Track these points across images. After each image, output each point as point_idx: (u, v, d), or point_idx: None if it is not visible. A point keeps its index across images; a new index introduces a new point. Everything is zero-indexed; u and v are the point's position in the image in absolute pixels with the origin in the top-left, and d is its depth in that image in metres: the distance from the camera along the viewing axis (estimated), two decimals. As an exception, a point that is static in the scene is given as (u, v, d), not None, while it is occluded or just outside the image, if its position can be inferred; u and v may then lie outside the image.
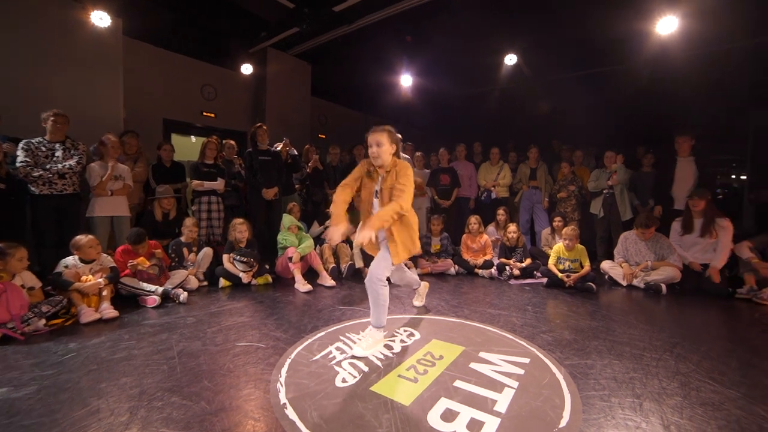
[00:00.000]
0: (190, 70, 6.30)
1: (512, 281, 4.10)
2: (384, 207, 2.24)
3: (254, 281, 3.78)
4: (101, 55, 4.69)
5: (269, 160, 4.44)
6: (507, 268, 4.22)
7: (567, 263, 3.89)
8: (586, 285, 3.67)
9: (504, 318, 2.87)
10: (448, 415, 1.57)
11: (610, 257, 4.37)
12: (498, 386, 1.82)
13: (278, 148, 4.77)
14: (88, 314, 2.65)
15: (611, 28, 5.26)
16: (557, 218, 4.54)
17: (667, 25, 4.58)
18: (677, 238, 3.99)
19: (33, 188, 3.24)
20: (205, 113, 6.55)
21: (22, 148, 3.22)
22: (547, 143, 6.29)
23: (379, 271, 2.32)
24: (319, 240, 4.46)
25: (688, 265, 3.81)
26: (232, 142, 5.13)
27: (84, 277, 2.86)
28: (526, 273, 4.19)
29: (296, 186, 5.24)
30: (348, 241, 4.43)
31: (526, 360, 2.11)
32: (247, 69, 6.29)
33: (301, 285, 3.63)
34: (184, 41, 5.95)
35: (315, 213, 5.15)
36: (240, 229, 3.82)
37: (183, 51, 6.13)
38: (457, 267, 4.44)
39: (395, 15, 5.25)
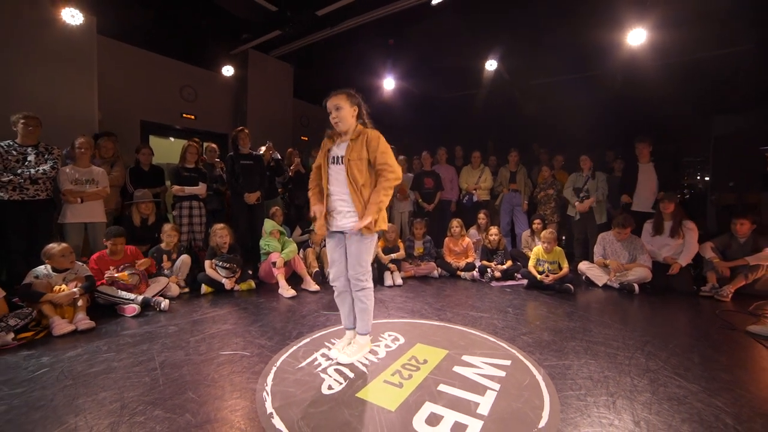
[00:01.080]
0: (169, 70, 6.16)
1: (493, 283, 4.20)
2: (375, 190, 2.07)
3: (237, 287, 3.74)
4: (74, 54, 4.52)
5: (251, 164, 4.39)
6: (488, 270, 4.32)
7: (546, 265, 4.01)
8: (564, 286, 3.80)
9: (486, 320, 2.94)
10: (433, 420, 1.62)
11: (587, 258, 4.54)
12: (480, 389, 1.87)
13: (261, 152, 4.73)
14: (61, 326, 2.55)
15: (587, 37, 5.47)
16: (537, 221, 4.68)
17: (636, 37, 4.81)
18: (648, 238, 4.19)
19: (1, 194, 3.10)
20: (185, 115, 6.41)
21: (-9, 152, 3.07)
22: (528, 147, 6.47)
23: (358, 270, 2.13)
24: (302, 244, 4.44)
25: (661, 262, 4.01)
26: (214, 145, 5.05)
27: (57, 287, 2.77)
28: (507, 275, 4.30)
29: (279, 190, 5.20)
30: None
31: (508, 362, 2.19)
32: (228, 71, 6.20)
33: (285, 290, 3.61)
34: (163, 41, 5.81)
35: (298, 217, 5.13)
36: (221, 234, 3.77)
37: (162, 51, 5.98)
38: (440, 270, 4.51)
39: (378, 19, 5.30)
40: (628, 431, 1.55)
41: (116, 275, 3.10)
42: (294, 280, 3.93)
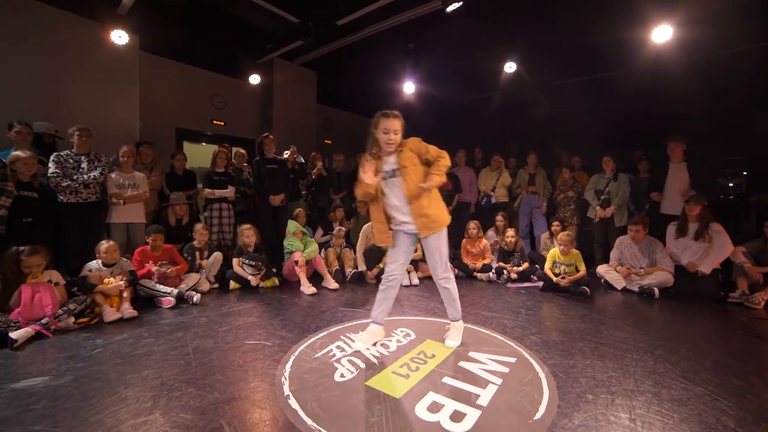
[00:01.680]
0: (201, 80, 6.58)
1: (509, 285, 4.25)
2: (434, 166, 2.32)
3: (262, 284, 3.99)
4: (120, 70, 5.00)
5: (276, 168, 4.66)
6: (505, 271, 4.36)
7: (562, 267, 4.02)
8: (580, 289, 3.80)
9: (497, 320, 3.02)
10: (434, 407, 1.75)
11: (608, 261, 4.49)
12: (482, 383, 1.98)
13: (285, 156, 4.99)
14: (110, 314, 2.89)
15: (609, 35, 5.37)
16: (555, 223, 4.67)
17: (662, 34, 4.69)
18: (672, 241, 4.09)
19: (61, 197, 3.51)
20: (215, 122, 6.83)
21: (53, 161, 3.51)
22: (547, 149, 6.41)
23: (439, 268, 2.45)
24: (323, 245, 4.66)
25: (684, 267, 3.91)
26: (243, 150, 5.38)
27: (106, 280, 3.11)
28: (523, 277, 4.33)
29: (302, 192, 5.46)
30: (351, 245, 4.64)
31: (513, 359, 2.27)
32: (254, 79, 6.54)
33: (306, 288, 3.83)
34: (195, 54, 6.23)
35: (320, 218, 5.36)
36: (247, 234, 4.04)
37: (194, 63, 6.41)
38: (456, 270, 4.59)
39: (396, 25, 5.45)
40: (623, 427, 1.61)
41: (167, 271, 3.45)
42: (315, 278, 4.14)
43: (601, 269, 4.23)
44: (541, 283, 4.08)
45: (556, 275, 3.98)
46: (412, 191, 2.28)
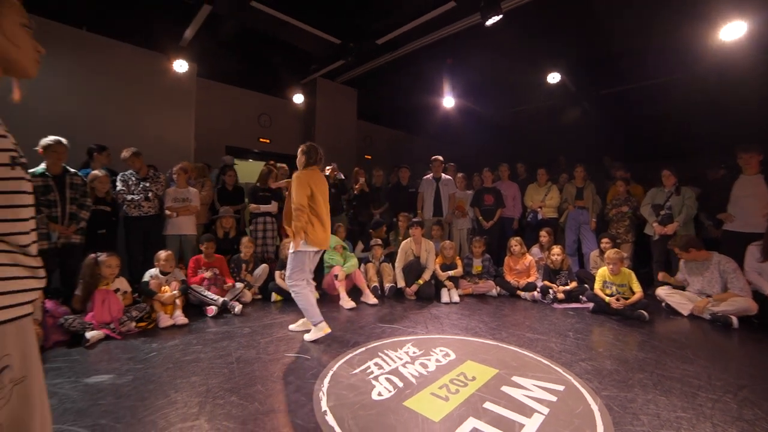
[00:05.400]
0: (249, 101, 7.05)
1: (556, 305, 4.00)
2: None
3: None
4: (179, 95, 5.53)
5: (318, 183, 4.80)
6: (550, 291, 4.12)
7: (614, 288, 3.72)
8: (637, 313, 3.48)
9: (542, 343, 2.84)
10: (475, 434, 1.66)
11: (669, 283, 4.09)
12: (528, 411, 1.86)
13: (327, 173, 5.13)
14: (165, 320, 3.11)
15: (664, 37, 5.04)
16: (605, 240, 4.36)
17: (733, 31, 4.30)
18: (755, 264, 3.60)
19: (126, 211, 3.87)
20: (261, 139, 7.24)
21: (120, 179, 3.91)
22: (596, 161, 6.06)
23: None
24: (363, 259, 4.69)
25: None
26: (285, 166, 5.62)
27: (163, 288, 3.35)
28: (570, 297, 4.06)
29: (344, 207, 5.56)
30: (391, 260, 4.62)
31: (561, 387, 2.11)
32: (298, 98, 6.88)
33: (346, 302, 3.86)
34: (245, 77, 6.71)
35: (360, 233, 5.42)
36: (288, 247, 4.15)
37: (243, 85, 6.90)
38: (498, 288, 4.42)
39: (435, 41, 5.50)
40: (694, 475, 1.42)
41: (216, 275, 3.73)
42: (354, 292, 4.17)
43: (662, 292, 3.86)
44: (591, 305, 3.80)
45: (609, 296, 3.68)
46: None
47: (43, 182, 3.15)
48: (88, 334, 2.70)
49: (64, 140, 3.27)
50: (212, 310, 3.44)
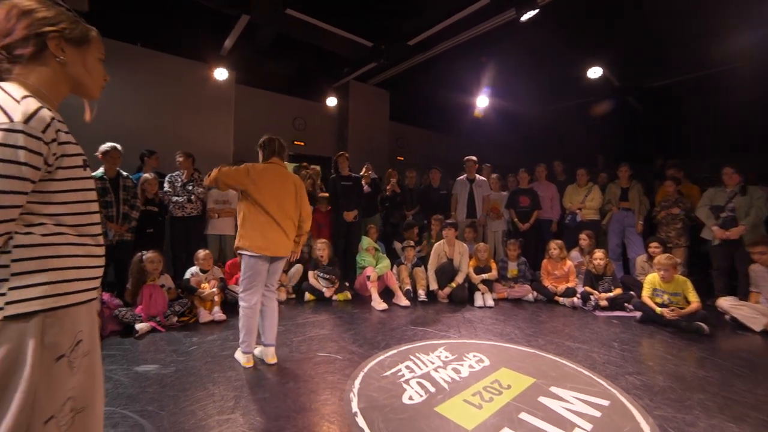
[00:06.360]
0: (284, 105, 7.26)
1: (597, 312, 3.77)
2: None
3: (335, 297, 4.13)
4: (219, 102, 5.82)
5: (350, 185, 4.85)
6: (592, 297, 3.89)
7: (666, 297, 3.44)
8: (694, 325, 3.18)
9: (584, 352, 2.68)
10: (511, 446, 1.59)
11: (732, 292, 3.73)
12: (568, 425, 1.75)
13: (362, 174, 5.17)
14: (204, 316, 3.27)
15: (723, 19, 4.59)
16: (654, 244, 4.05)
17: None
18: None
19: (171, 211, 4.11)
20: (296, 142, 7.43)
21: (167, 181, 4.17)
22: (641, 159, 5.65)
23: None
24: (396, 261, 4.67)
25: None
26: (317, 168, 5.74)
27: (203, 285, 3.51)
28: (614, 304, 3.81)
29: (378, 207, 5.57)
30: (423, 263, 4.56)
31: (605, 402, 1.98)
32: (332, 101, 7.00)
33: (378, 303, 3.86)
34: (280, 82, 6.93)
35: (393, 234, 5.40)
36: (321, 248, 4.24)
37: (278, 90, 7.12)
38: (535, 293, 4.24)
39: (468, 40, 5.38)
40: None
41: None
42: (386, 294, 4.16)
43: (726, 303, 3.51)
44: (638, 314, 3.54)
45: (660, 305, 3.41)
46: None
47: (101, 185, 3.44)
48: (138, 326, 2.91)
49: (118, 146, 3.56)
50: (249, 307, 3.56)
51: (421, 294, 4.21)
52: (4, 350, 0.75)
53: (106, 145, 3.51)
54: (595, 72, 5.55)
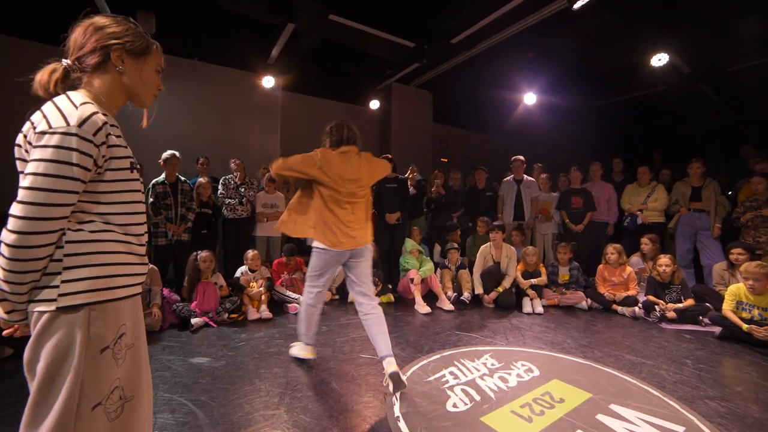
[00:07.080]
0: (328, 110, 7.43)
1: (664, 325, 3.40)
2: None
3: (378, 299, 4.11)
4: (266, 109, 6.15)
5: (395, 187, 4.82)
6: (657, 307, 3.52)
7: (755, 311, 3.00)
8: (790, 345, 2.75)
9: (649, 369, 2.42)
10: (566, 466, 1.46)
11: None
12: (633, 448, 1.58)
13: (407, 175, 5.13)
14: (252, 313, 3.41)
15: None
16: (737, 250, 3.55)
17: None
18: None
19: (225, 213, 4.36)
20: (340, 146, 7.58)
21: (222, 184, 4.43)
22: (719, 154, 5.04)
23: None
24: (440, 264, 4.57)
25: None
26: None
27: (251, 284, 3.67)
28: (685, 317, 3.41)
29: (423, 210, 5.50)
30: (469, 267, 4.42)
31: (680, 429, 1.75)
32: (374, 104, 7.05)
33: (421, 306, 3.79)
34: (323, 87, 7.13)
35: (438, 237, 5.30)
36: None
37: (322, 95, 7.31)
38: (589, 301, 3.93)
39: (514, 35, 5.16)
40: None
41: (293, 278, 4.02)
42: (430, 297, 4.08)
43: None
44: (716, 329, 3.14)
45: (747, 322, 2.97)
46: None
47: (163, 189, 3.74)
48: (193, 321, 3.11)
49: (177, 153, 3.85)
50: (295, 307, 3.66)
51: (467, 296, 4.09)
52: (57, 339, 0.81)
53: (167, 153, 3.81)
54: (660, 59, 5.06)
